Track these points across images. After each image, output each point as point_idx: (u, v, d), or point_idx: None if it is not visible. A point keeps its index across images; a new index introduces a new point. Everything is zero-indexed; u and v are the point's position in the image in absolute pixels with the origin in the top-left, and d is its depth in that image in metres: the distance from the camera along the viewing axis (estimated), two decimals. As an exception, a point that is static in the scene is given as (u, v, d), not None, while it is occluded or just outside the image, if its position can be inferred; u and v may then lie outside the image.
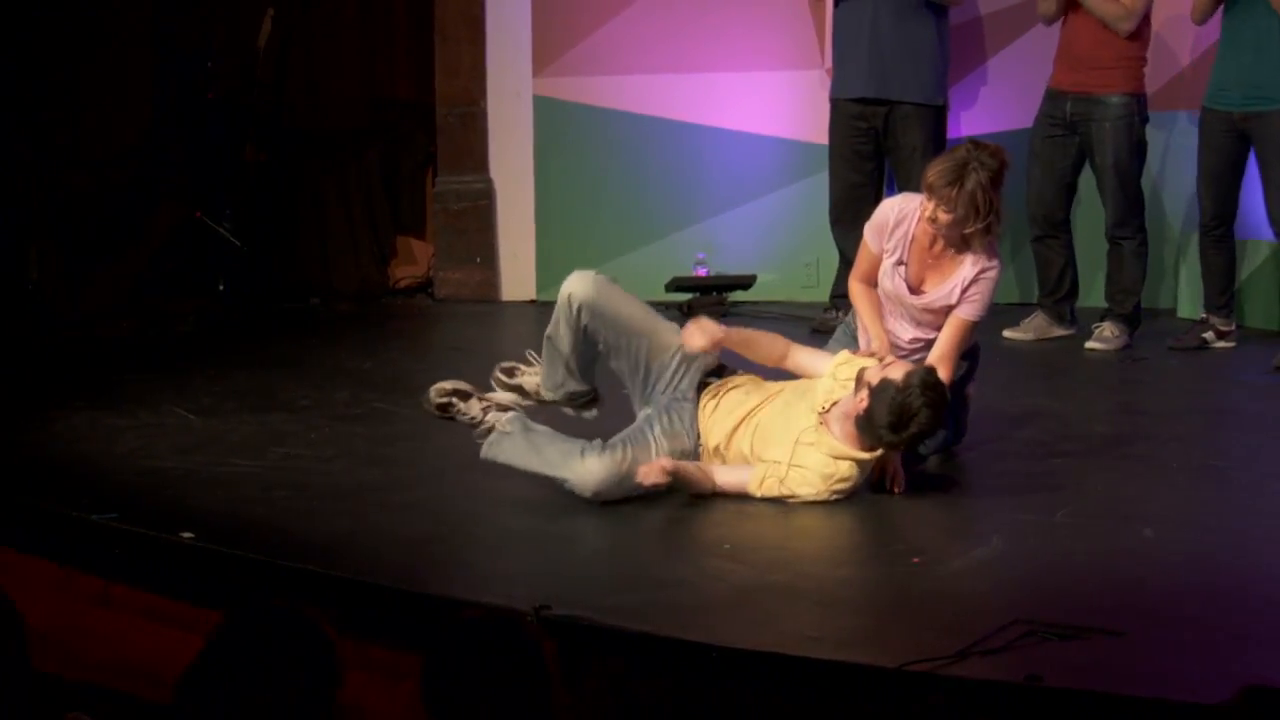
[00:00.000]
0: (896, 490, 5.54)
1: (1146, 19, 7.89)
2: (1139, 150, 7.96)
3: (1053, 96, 8.05)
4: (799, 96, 8.71)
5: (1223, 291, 7.85)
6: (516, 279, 9.33)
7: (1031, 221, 8.19)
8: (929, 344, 5.79)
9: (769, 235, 9.21)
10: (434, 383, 6.13)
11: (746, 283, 9.09)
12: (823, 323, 8.43)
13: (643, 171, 9.24)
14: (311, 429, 6.35)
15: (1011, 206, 8.78)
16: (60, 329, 8.35)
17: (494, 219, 9.35)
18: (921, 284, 5.79)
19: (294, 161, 9.64)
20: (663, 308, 8.84)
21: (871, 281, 5.89)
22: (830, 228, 8.56)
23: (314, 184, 9.60)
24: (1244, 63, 7.55)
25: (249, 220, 9.26)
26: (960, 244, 5.72)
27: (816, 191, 8.65)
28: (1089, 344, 7.92)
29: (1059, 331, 8.16)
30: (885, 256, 5.82)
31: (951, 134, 8.68)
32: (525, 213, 9.30)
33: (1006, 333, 8.18)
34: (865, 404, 5.31)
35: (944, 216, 5.62)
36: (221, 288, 9.03)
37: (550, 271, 9.27)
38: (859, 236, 6.68)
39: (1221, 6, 7.61)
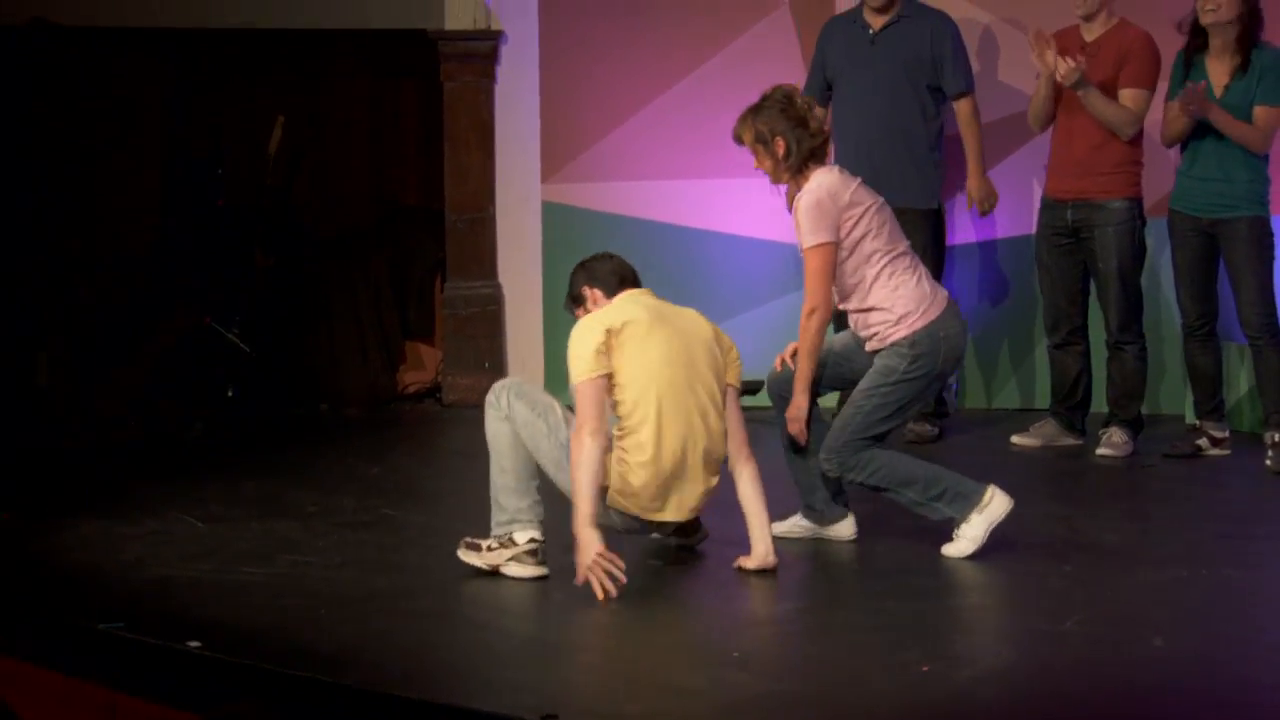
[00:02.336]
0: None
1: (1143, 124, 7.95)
2: (1139, 255, 7.99)
3: (1051, 206, 8.07)
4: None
5: (1212, 396, 7.87)
6: (525, 384, 9.32)
7: (1049, 331, 8.20)
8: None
9: (776, 340, 9.15)
10: (440, 493, 6.12)
11: (754, 388, 9.05)
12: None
13: (650, 277, 9.10)
14: (319, 536, 6.34)
15: (1020, 310, 8.89)
16: (69, 435, 8.35)
17: (503, 324, 9.38)
18: None
19: (303, 267, 9.68)
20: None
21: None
22: (835, 332, 8.59)
23: (323, 289, 9.63)
24: (1208, 172, 7.61)
25: (258, 326, 9.29)
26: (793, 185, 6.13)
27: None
28: (1099, 450, 7.91)
29: (1068, 440, 8.14)
30: None
31: (951, 240, 8.75)
32: (534, 318, 9.32)
33: (1014, 439, 8.18)
34: None
35: (755, 162, 6.14)
36: (230, 394, 9.04)
37: (559, 377, 9.24)
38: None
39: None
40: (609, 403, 5.70)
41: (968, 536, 5.99)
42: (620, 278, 6.03)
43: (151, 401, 8.97)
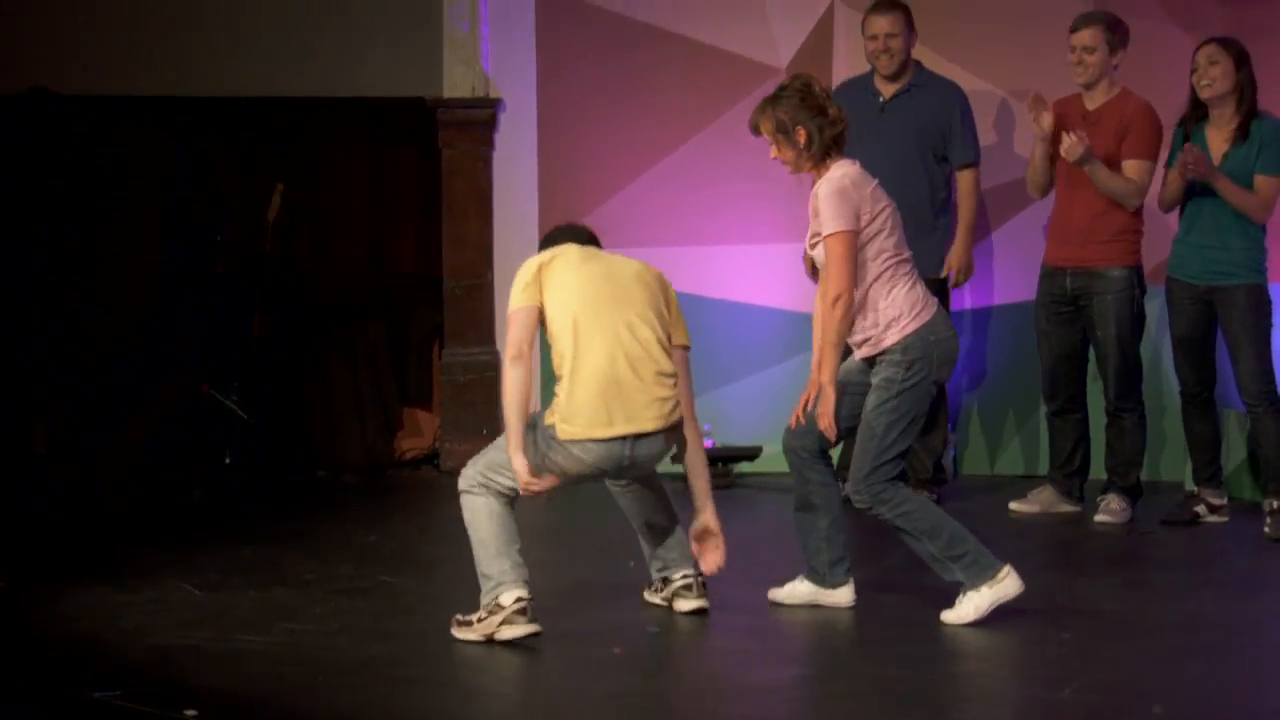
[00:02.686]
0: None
1: (1143, 193, 7.98)
2: (1139, 322, 8.00)
3: (1051, 274, 8.09)
4: (802, 268, 8.73)
5: (1210, 463, 7.87)
6: (523, 451, 9.31)
7: (1048, 398, 8.21)
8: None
9: (774, 406, 9.20)
10: (438, 560, 6.11)
11: (752, 454, 9.10)
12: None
13: (648, 343, 9.25)
14: (316, 603, 6.33)
15: (1020, 376, 8.90)
16: (65, 502, 8.34)
17: (499, 391, 9.36)
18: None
19: (301, 333, 9.69)
20: (669, 480, 8.92)
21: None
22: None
23: (321, 356, 9.64)
24: (1206, 240, 7.63)
25: (256, 392, 9.29)
26: (813, 174, 6.16)
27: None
28: (1098, 517, 7.90)
29: (1066, 507, 8.13)
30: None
31: (954, 306, 8.75)
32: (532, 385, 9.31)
33: (1013, 505, 8.18)
34: None
35: (774, 150, 6.14)
36: (228, 460, 9.03)
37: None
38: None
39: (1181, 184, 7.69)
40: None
41: (973, 605, 5.97)
42: (574, 237, 6.20)
43: (149, 468, 8.97)
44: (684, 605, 6.19)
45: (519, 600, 5.77)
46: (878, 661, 5.62)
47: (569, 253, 6.02)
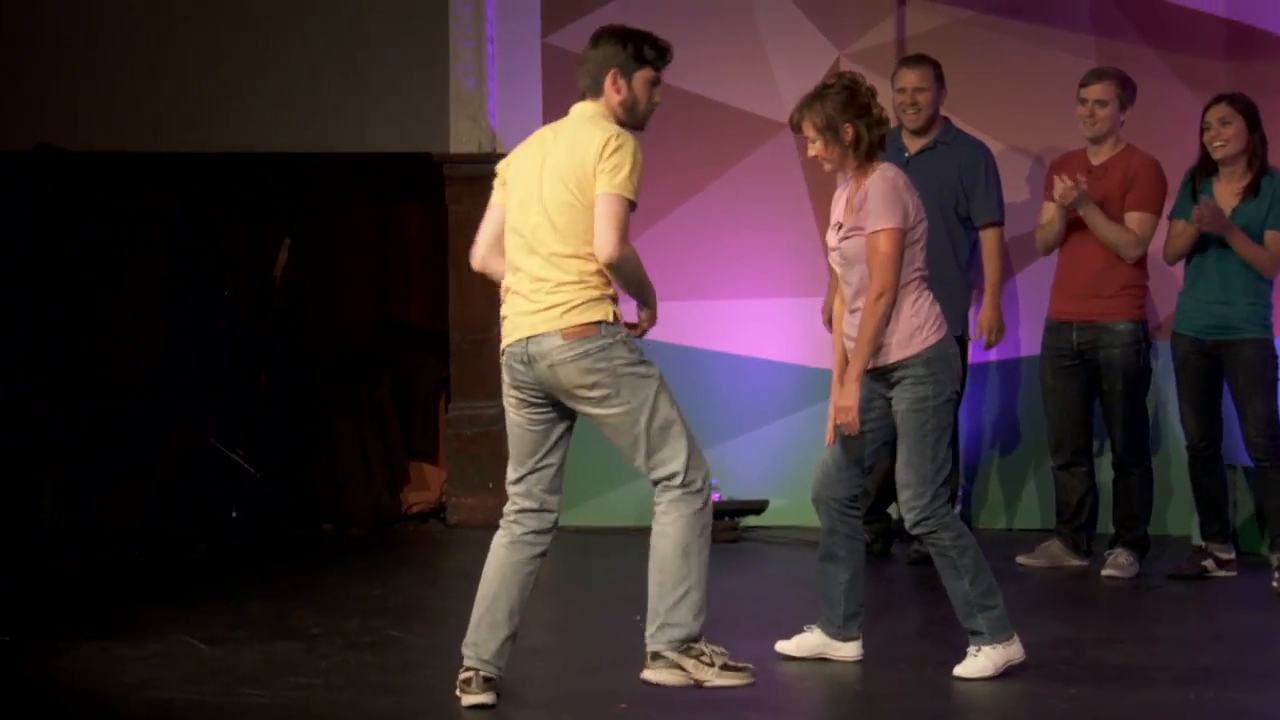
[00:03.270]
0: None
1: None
2: (1145, 376, 8.00)
3: (1056, 328, 8.09)
4: (808, 322, 8.77)
5: (1218, 517, 7.85)
6: (528, 505, 9.31)
7: (1054, 451, 8.20)
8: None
9: (781, 460, 9.23)
10: (444, 614, 6.09)
11: (759, 508, 9.09)
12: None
13: (654, 397, 9.26)
14: (322, 657, 6.31)
15: (1030, 430, 8.89)
16: (71, 556, 8.34)
17: (507, 445, 9.35)
18: (840, 224, 6.11)
19: (308, 387, 9.70)
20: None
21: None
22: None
23: (327, 409, 9.65)
24: (1211, 294, 7.64)
25: (262, 446, 9.29)
26: (856, 172, 6.05)
27: (828, 416, 8.67)
28: (1105, 571, 7.89)
29: (1074, 561, 8.11)
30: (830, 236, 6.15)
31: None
32: (538, 439, 9.31)
33: (1020, 559, 8.16)
34: None
35: (813, 147, 6.05)
36: (234, 514, 9.03)
37: (570, 498, 9.25)
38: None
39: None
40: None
41: (990, 660, 5.92)
42: None
43: (155, 522, 8.97)
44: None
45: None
46: (888, 715, 5.60)
47: (520, 149, 6.05)
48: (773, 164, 9.07)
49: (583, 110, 5.92)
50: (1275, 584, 7.51)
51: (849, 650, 6.24)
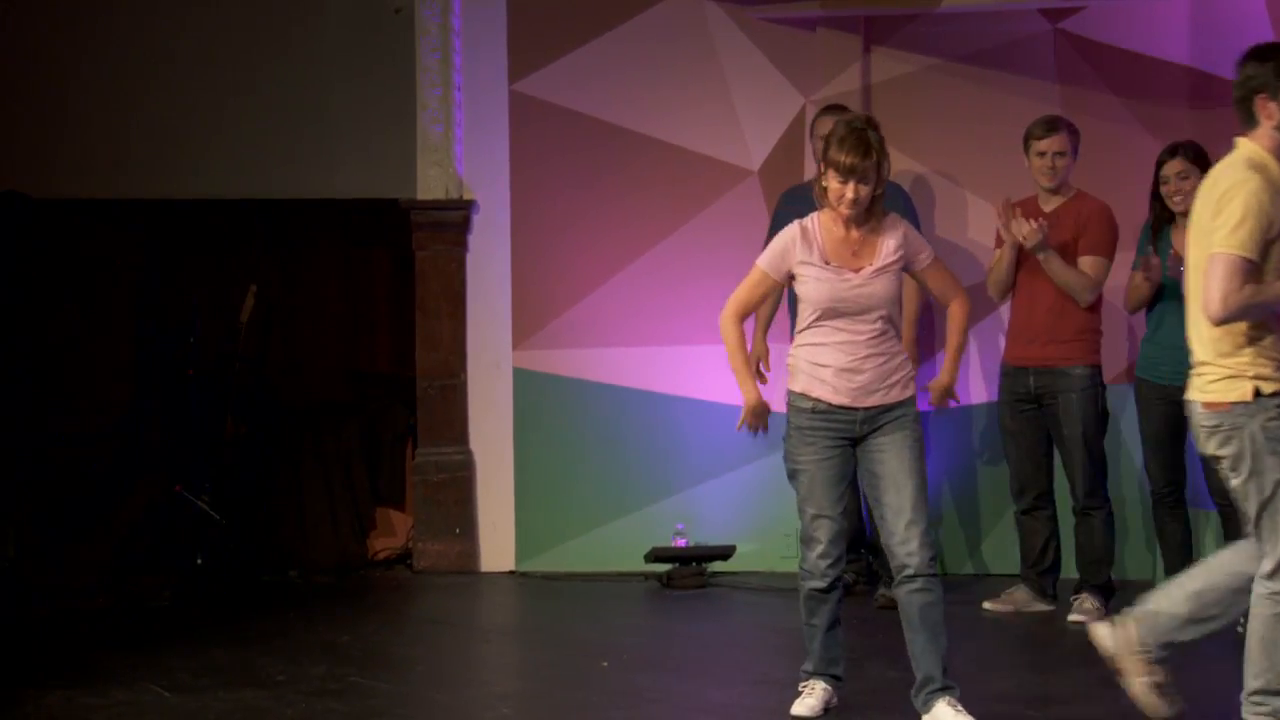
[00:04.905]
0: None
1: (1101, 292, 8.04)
2: (1103, 420, 8.04)
3: (1013, 373, 8.13)
4: (776, 366, 8.80)
5: (1182, 562, 7.85)
6: (496, 550, 9.32)
7: (1016, 497, 8.22)
8: (889, 321, 6.04)
9: (748, 506, 9.24)
10: (411, 661, 6.06)
11: (726, 553, 9.10)
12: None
13: (621, 442, 9.31)
14: (288, 705, 6.29)
15: (992, 476, 8.91)
16: (37, 604, 8.30)
17: (473, 490, 9.38)
18: (860, 268, 6.01)
19: (274, 434, 9.69)
20: (641, 578, 8.92)
21: (748, 313, 6.25)
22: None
23: (293, 456, 9.63)
24: (1174, 340, 7.65)
25: (228, 494, 9.27)
26: (865, 216, 5.99)
27: (794, 462, 8.70)
28: (1071, 616, 7.90)
29: (1040, 606, 8.13)
30: (802, 269, 6.02)
31: (923, 405, 8.77)
32: (505, 484, 9.33)
33: (986, 604, 8.17)
34: None
35: (864, 190, 5.92)
36: (199, 561, 9.00)
37: (530, 543, 9.29)
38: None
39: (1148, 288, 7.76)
40: None
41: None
42: None
43: (120, 569, 8.93)
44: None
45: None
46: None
47: None
48: (740, 209, 9.11)
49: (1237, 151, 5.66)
50: (1241, 628, 7.51)
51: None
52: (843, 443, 6.05)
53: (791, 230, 6.06)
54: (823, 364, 6.03)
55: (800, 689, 6.16)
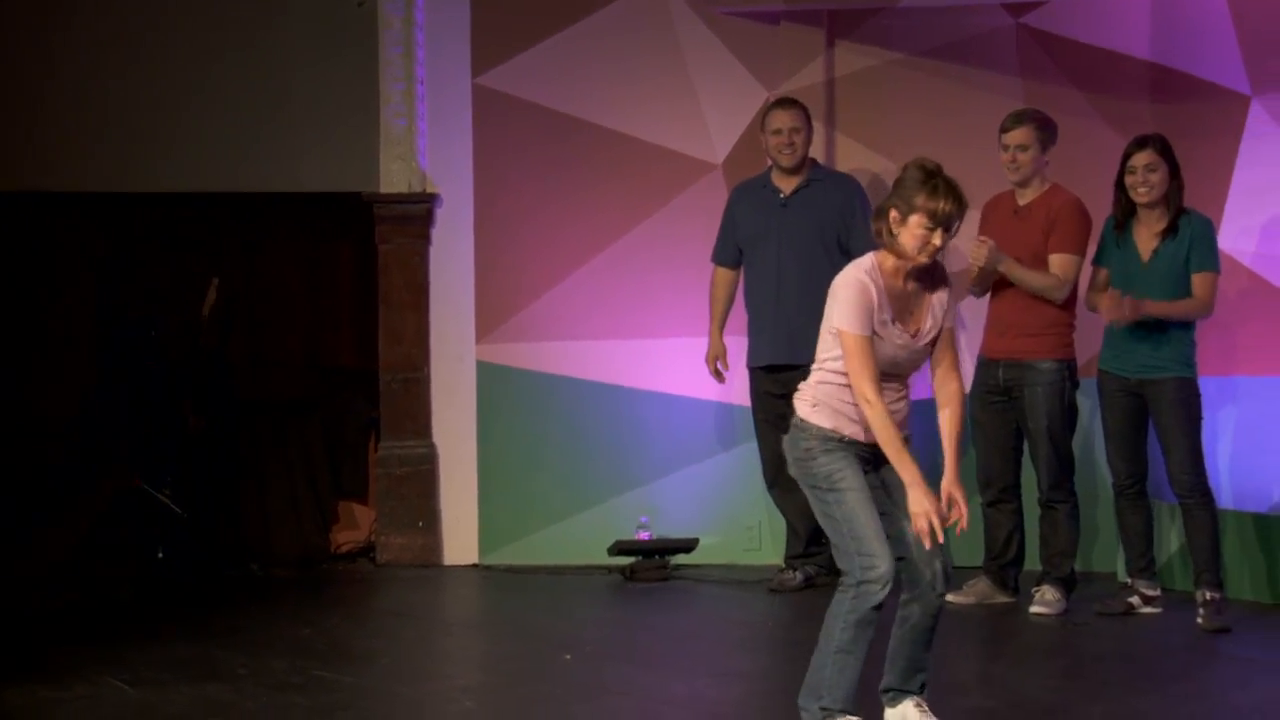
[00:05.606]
0: (958, 520, 5.63)
1: (1074, 287, 8.05)
2: (1070, 415, 8.06)
3: (985, 365, 8.17)
4: (738, 360, 8.81)
5: (1143, 554, 7.91)
6: (459, 544, 9.32)
7: (982, 489, 8.24)
8: (902, 384, 5.73)
9: (711, 499, 9.25)
10: (373, 654, 6.05)
11: (689, 546, 9.10)
12: (781, 583, 8.49)
13: (584, 436, 9.31)
14: (249, 698, 6.28)
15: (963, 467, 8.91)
16: (-4, 598, 8.27)
17: (436, 484, 9.36)
18: (916, 330, 5.68)
19: (236, 428, 9.66)
20: (605, 571, 8.93)
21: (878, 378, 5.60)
22: (768, 491, 8.68)
23: (256, 450, 9.61)
24: (1135, 333, 7.71)
25: (190, 487, 9.25)
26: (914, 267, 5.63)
27: (757, 455, 8.72)
28: (1033, 608, 7.92)
29: (1001, 598, 8.16)
30: (878, 328, 5.59)
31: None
32: (468, 478, 9.32)
33: (949, 597, 8.13)
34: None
35: (947, 238, 5.57)
36: (160, 555, 8.97)
37: (493, 536, 9.28)
38: (797, 498, 6.57)
39: (1112, 281, 7.77)
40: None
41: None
42: None
43: (82, 563, 8.90)
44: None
45: None
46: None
47: None
48: (703, 203, 9.11)
49: None
50: (1201, 620, 7.57)
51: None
52: (866, 467, 5.75)
53: (863, 285, 5.58)
54: (853, 405, 5.64)
55: None
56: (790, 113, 8.55)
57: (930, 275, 5.66)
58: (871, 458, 5.70)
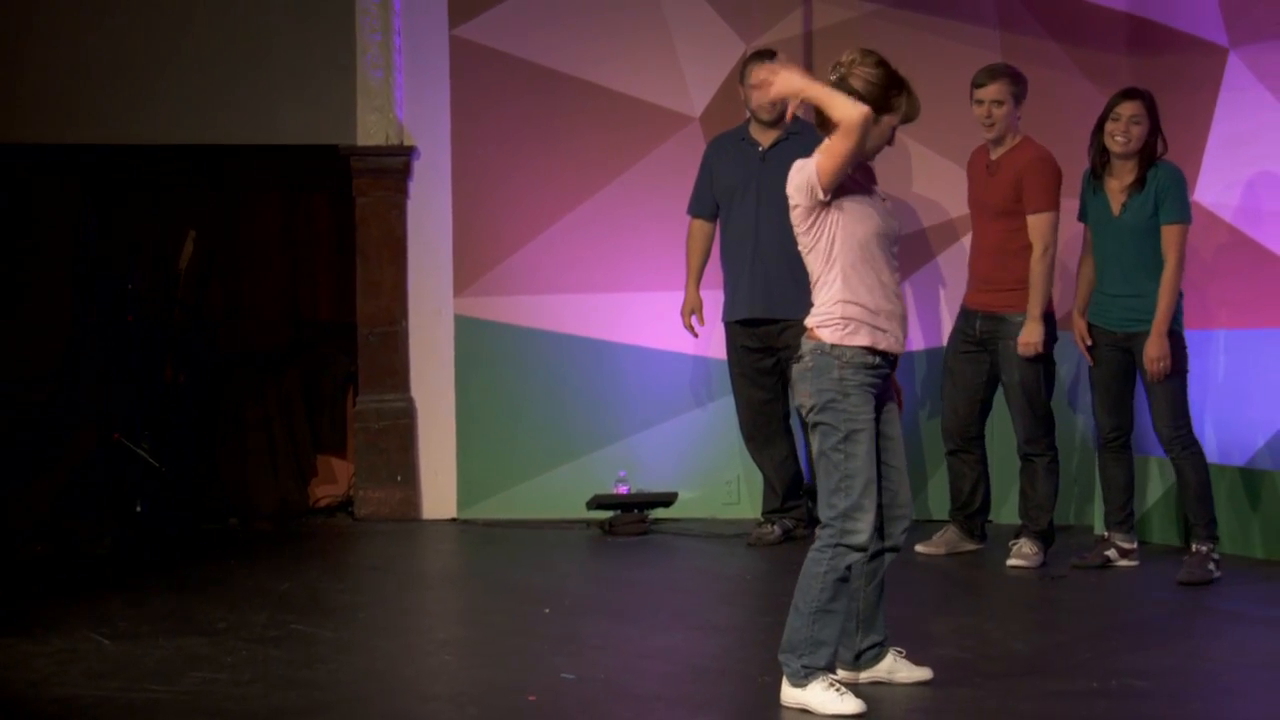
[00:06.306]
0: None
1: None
2: (1047, 369, 8.07)
3: (965, 314, 8.19)
4: (717, 314, 8.81)
5: (1122, 507, 7.92)
6: (437, 498, 9.33)
7: (946, 436, 8.29)
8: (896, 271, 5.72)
9: (689, 453, 9.27)
10: (352, 608, 6.05)
11: (668, 500, 9.12)
12: (758, 537, 8.52)
13: (563, 390, 9.31)
14: (228, 652, 6.27)
15: (934, 423, 8.96)
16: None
17: (415, 438, 9.36)
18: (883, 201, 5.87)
19: (214, 382, 9.65)
20: (583, 525, 8.94)
21: None
22: (745, 444, 8.68)
23: (234, 404, 9.60)
24: (1118, 288, 7.72)
25: (168, 441, 9.24)
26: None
27: (734, 410, 8.73)
28: (1010, 561, 7.95)
29: (969, 546, 8.23)
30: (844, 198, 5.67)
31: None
32: (446, 432, 9.33)
33: (919, 547, 8.22)
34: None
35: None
36: (139, 509, 8.97)
37: (471, 490, 9.29)
38: (774, 453, 6.58)
39: (1091, 233, 7.78)
40: None
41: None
42: None
43: (60, 517, 8.89)
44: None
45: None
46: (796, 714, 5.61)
47: None
48: (681, 156, 9.09)
49: None
50: (1183, 574, 7.57)
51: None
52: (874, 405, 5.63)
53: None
54: (879, 310, 5.53)
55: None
56: (769, 66, 8.51)
57: (870, 176, 5.88)
58: (883, 383, 5.59)
